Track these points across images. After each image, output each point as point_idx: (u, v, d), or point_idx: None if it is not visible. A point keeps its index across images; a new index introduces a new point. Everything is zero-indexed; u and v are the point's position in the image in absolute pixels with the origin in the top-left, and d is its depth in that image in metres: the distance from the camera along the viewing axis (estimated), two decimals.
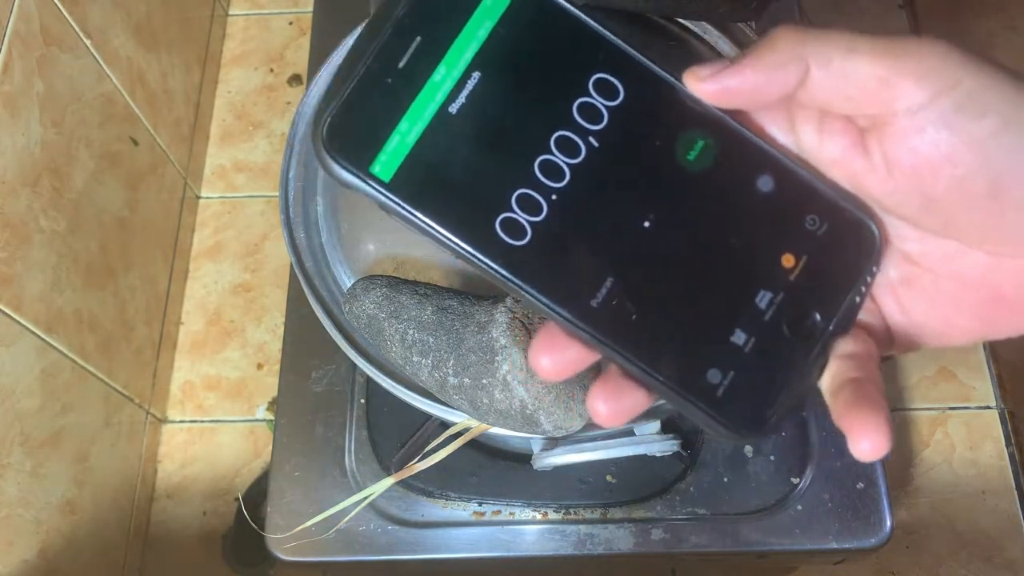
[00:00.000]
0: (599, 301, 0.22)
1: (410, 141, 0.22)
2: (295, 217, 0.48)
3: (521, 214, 0.22)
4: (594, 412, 0.23)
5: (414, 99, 0.22)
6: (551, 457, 0.45)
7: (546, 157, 0.22)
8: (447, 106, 0.22)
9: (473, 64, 0.22)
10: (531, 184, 0.22)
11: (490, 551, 0.54)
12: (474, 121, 0.22)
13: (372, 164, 0.22)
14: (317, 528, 0.52)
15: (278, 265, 1.11)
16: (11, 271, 0.74)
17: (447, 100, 0.22)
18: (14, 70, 0.74)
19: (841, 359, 0.23)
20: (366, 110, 0.22)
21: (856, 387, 0.22)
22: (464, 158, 0.22)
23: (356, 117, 0.22)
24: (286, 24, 1.26)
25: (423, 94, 0.22)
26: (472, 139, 0.22)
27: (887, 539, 0.53)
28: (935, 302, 0.24)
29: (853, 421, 0.22)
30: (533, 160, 0.22)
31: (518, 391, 0.36)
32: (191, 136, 1.13)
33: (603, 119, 0.23)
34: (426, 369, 0.39)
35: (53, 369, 0.80)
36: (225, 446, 1.03)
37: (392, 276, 0.42)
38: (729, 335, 0.23)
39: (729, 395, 0.23)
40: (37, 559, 0.78)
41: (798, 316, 0.23)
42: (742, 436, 0.23)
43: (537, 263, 0.22)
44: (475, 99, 0.22)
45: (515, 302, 0.38)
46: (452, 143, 0.22)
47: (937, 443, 1.00)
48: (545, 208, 0.22)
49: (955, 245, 0.22)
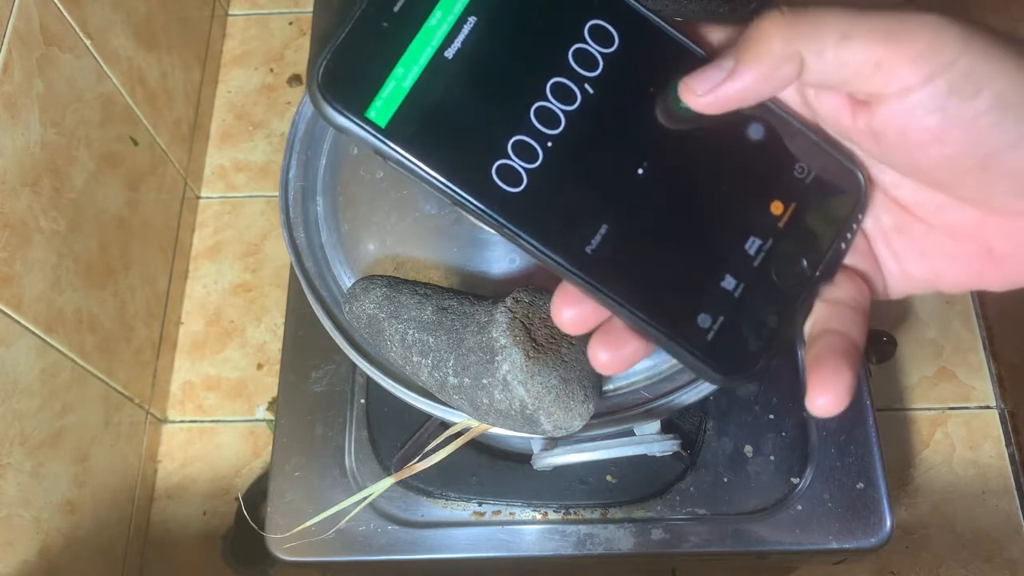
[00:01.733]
0: (593, 247, 0.23)
1: (406, 86, 0.22)
2: (295, 217, 0.48)
3: (517, 160, 0.22)
4: (595, 361, 0.23)
5: (410, 44, 0.22)
6: (551, 457, 0.45)
7: (541, 104, 0.23)
8: (443, 51, 0.22)
9: (469, 8, 0.22)
10: (526, 131, 0.22)
11: (490, 551, 0.54)
12: (470, 67, 0.22)
13: (368, 109, 0.22)
14: (317, 528, 0.52)
15: (278, 265, 1.11)
16: (11, 271, 0.74)
17: (443, 45, 0.22)
18: (14, 70, 0.74)
19: (825, 305, 0.23)
20: (362, 55, 0.22)
21: (829, 341, 0.22)
22: (460, 104, 0.22)
23: (352, 62, 0.22)
24: (286, 24, 1.26)
25: (419, 39, 0.22)
26: (468, 85, 0.22)
27: (887, 539, 0.53)
28: (925, 251, 0.24)
29: (815, 374, 0.22)
30: (529, 107, 0.22)
31: (518, 391, 0.36)
32: (191, 136, 1.13)
33: (598, 66, 0.23)
34: (426, 369, 0.39)
35: (53, 369, 0.80)
36: (225, 446, 1.03)
37: (392, 276, 0.42)
38: (719, 280, 0.23)
39: (719, 339, 0.23)
40: (37, 559, 0.78)
41: (786, 262, 0.24)
42: (731, 380, 0.23)
43: (532, 209, 0.22)
44: (471, 44, 0.22)
45: (515, 302, 0.38)
46: (448, 89, 0.22)
47: (937, 443, 1.00)
48: (540, 155, 0.22)
49: (946, 198, 0.22)
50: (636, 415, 0.43)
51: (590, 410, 0.37)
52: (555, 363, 0.36)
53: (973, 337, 1.04)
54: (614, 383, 0.44)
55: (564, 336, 0.38)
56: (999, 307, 1.04)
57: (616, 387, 0.43)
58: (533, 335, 0.37)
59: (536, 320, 0.38)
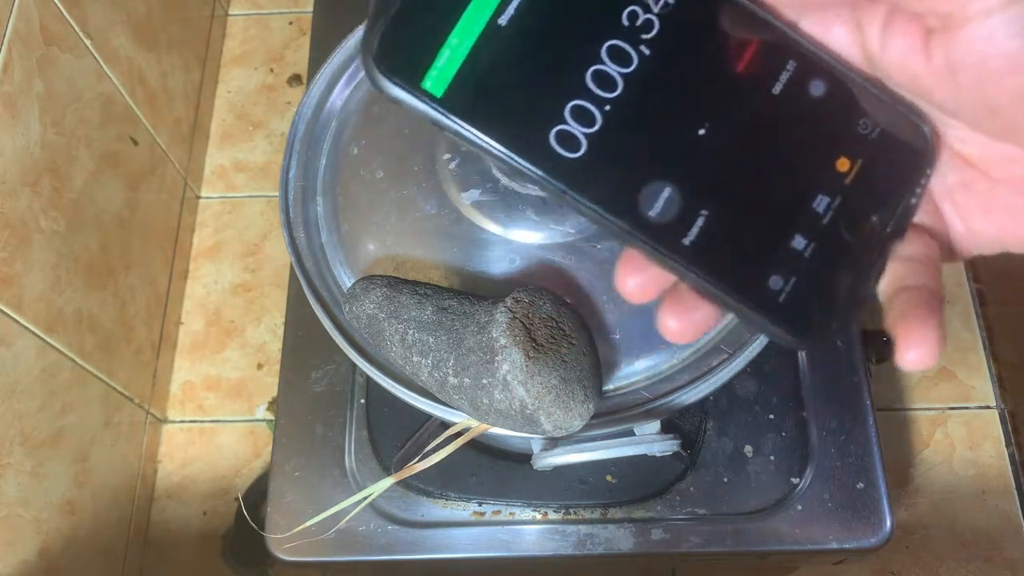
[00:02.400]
0: (656, 211, 0.22)
1: (461, 55, 0.22)
2: (295, 217, 0.48)
3: (575, 125, 0.22)
4: (664, 329, 0.23)
5: (464, 11, 0.22)
6: (551, 457, 0.45)
7: (598, 67, 0.22)
8: (497, 18, 0.22)
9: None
10: (584, 95, 0.22)
11: (490, 551, 0.54)
12: (524, 33, 0.22)
13: (424, 79, 0.22)
14: (317, 528, 0.52)
15: (278, 265, 1.11)
16: (11, 271, 0.74)
17: (496, 11, 0.22)
18: (14, 70, 0.74)
19: (899, 263, 0.23)
20: (415, 25, 0.22)
21: (910, 295, 0.22)
22: (516, 71, 0.22)
23: (405, 33, 0.22)
24: (286, 24, 1.26)
25: (473, 6, 0.22)
26: (523, 52, 0.22)
27: (887, 539, 0.53)
28: (991, 208, 0.23)
29: (902, 330, 0.21)
30: (584, 71, 0.22)
31: (518, 391, 0.36)
32: (191, 136, 1.13)
33: (654, 27, 0.22)
34: (426, 369, 0.39)
35: (53, 369, 0.80)
36: (225, 446, 1.03)
37: (392, 276, 0.42)
38: (789, 240, 0.23)
39: (791, 301, 0.22)
40: (37, 559, 0.78)
41: (855, 220, 0.23)
42: (805, 342, 0.23)
43: (593, 175, 0.22)
44: (524, 10, 0.22)
45: (515, 302, 0.38)
46: (503, 56, 0.22)
47: (937, 443, 1.00)
48: (599, 119, 0.22)
49: (1015, 151, 0.22)
50: (636, 415, 0.43)
51: (590, 410, 0.37)
52: (555, 363, 0.36)
53: (973, 337, 1.04)
54: (614, 383, 0.44)
55: (564, 336, 0.38)
56: (999, 307, 1.04)
57: (616, 387, 0.43)
58: (533, 335, 0.37)
59: (536, 320, 0.38)
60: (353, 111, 0.51)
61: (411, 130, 0.48)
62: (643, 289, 0.23)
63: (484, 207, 0.44)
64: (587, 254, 0.43)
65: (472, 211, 0.44)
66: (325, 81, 0.51)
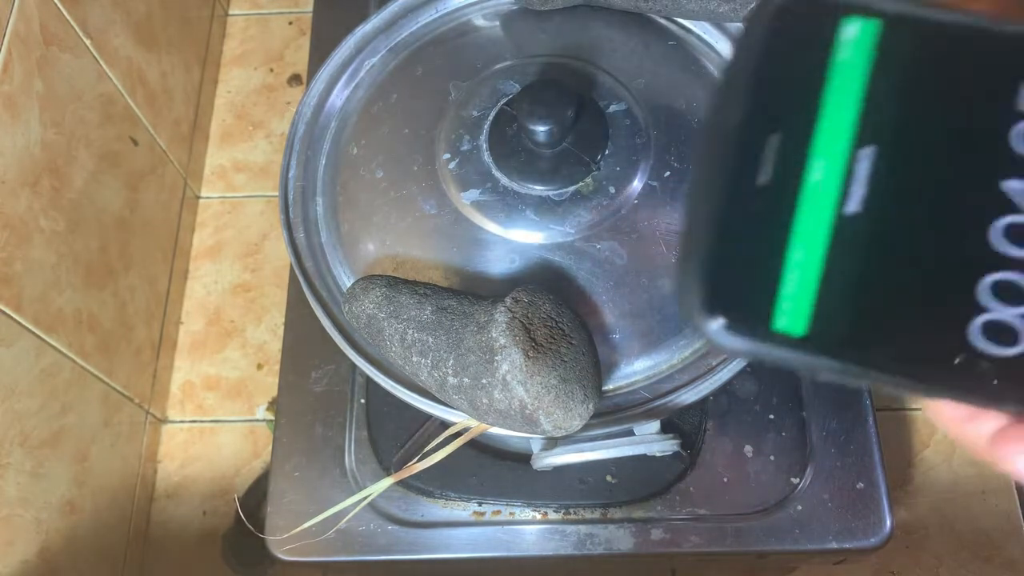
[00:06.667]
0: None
1: (814, 272, 0.16)
2: (295, 217, 0.48)
3: (1004, 308, 0.16)
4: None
5: (795, 216, 0.16)
6: (551, 457, 0.45)
7: (1009, 220, 0.16)
8: (844, 208, 0.16)
9: (858, 139, 0.16)
10: (1000, 264, 0.16)
11: (490, 551, 0.54)
12: (891, 211, 0.16)
13: (773, 321, 0.16)
14: (317, 528, 0.52)
15: (278, 265, 1.11)
16: (11, 271, 0.74)
17: (841, 201, 0.16)
18: (14, 70, 0.74)
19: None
20: (743, 254, 0.16)
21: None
22: (898, 264, 0.16)
23: (734, 269, 0.16)
24: (286, 24, 1.26)
25: (805, 205, 0.16)
26: (899, 235, 0.16)
27: (887, 539, 0.53)
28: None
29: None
30: (988, 230, 0.16)
31: (517, 391, 0.36)
32: (191, 136, 1.13)
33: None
34: (425, 369, 0.39)
35: (53, 369, 0.80)
36: (225, 446, 1.03)
37: (391, 276, 0.42)
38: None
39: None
40: (37, 559, 0.78)
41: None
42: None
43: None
44: (880, 183, 0.16)
45: (515, 302, 0.38)
46: (872, 252, 0.16)
47: (937, 443, 1.00)
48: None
49: None
50: (636, 415, 0.43)
51: (590, 410, 0.37)
52: (554, 363, 0.36)
53: None
54: (614, 383, 0.44)
55: (563, 336, 0.38)
56: None
57: (616, 387, 0.43)
58: (532, 335, 0.37)
59: (535, 320, 0.38)
60: (353, 111, 0.51)
61: (411, 130, 0.48)
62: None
63: (484, 207, 0.44)
64: (587, 254, 0.43)
65: (472, 211, 0.44)
66: (325, 81, 0.51)
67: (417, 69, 0.51)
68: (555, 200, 0.44)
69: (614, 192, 0.44)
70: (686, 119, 0.47)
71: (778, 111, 0.17)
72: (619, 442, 0.45)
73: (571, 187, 0.44)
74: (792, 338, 0.16)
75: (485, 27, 0.53)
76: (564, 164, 0.44)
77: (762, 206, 0.16)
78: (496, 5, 0.53)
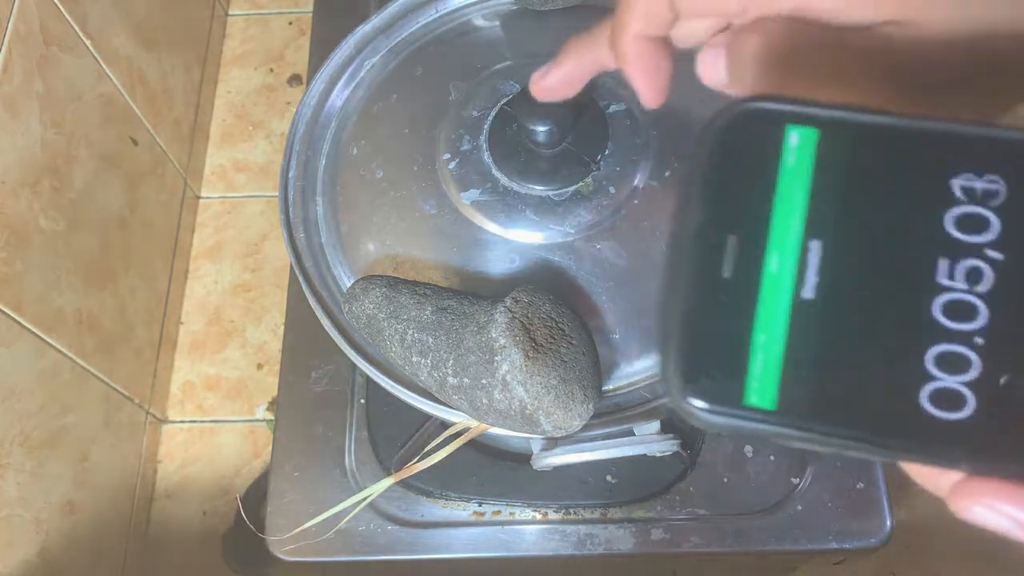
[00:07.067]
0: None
1: (777, 352, 0.18)
2: (295, 217, 0.48)
3: (949, 377, 0.18)
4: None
5: (758, 304, 0.19)
6: (551, 457, 0.45)
7: (948, 297, 0.18)
8: (800, 294, 0.18)
9: (807, 232, 0.19)
10: (943, 336, 0.18)
11: (490, 551, 0.54)
12: (842, 294, 0.18)
13: (745, 396, 0.18)
14: (317, 528, 0.52)
15: (278, 265, 1.11)
16: (11, 271, 0.74)
17: (797, 288, 0.18)
18: (14, 70, 0.74)
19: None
20: (712, 340, 0.19)
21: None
22: (852, 341, 0.18)
23: (704, 352, 0.19)
24: (286, 24, 1.26)
25: (765, 294, 0.19)
26: (851, 315, 0.18)
27: (887, 539, 0.53)
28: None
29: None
30: (931, 308, 0.18)
31: (517, 391, 0.36)
32: (191, 136, 1.13)
33: (990, 224, 0.18)
34: (425, 369, 0.39)
35: (53, 369, 0.80)
36: (225, 446, 1.03)
37: (391, 276, 0.42)
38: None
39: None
40: (37, 559, 0.78)
41: None
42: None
43: (992, 430, 0.18)
44: (830, 270, 0.18)
45: (514, 302, 0.38)
46: (828, 332, 0.18)
47: None
48: (974, 360, 0.18)
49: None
50: (636, 415, 0.43)
51: (590, 410, 0.37)
52: (554, 363, 0.36)
53: None
54: (614, 383, 0.44)
55: (563, 336, 0.38)
56: None
57: (616, 387, 0.43)
58: (532, 335, 0.37)
59: (535, 320, 0.38)
60: (353, 111, 0.51)
61: (411, 130, 0.48)
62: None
63: (484, 207, 0.44)
64: (587, 254, 0.43)
65: (472, 211, 0.44)
66: (325, 81, 0.51)
67: (417, 69, 0.51)
68: (555, 200, 0.44)
69: (614, 192, 0.44)
70: (686, 119, 0.47)
71: (736, 212, 0.19)
72: (619, 442, 0.45)
73: (571, 187, 0.44)
74: (763, 412, 0.18)
75: (485, 27, 0.53)
76: (564, 164, 0.44)
77: (727, 297, 0.19)
78: (496, 5, 0.53)
